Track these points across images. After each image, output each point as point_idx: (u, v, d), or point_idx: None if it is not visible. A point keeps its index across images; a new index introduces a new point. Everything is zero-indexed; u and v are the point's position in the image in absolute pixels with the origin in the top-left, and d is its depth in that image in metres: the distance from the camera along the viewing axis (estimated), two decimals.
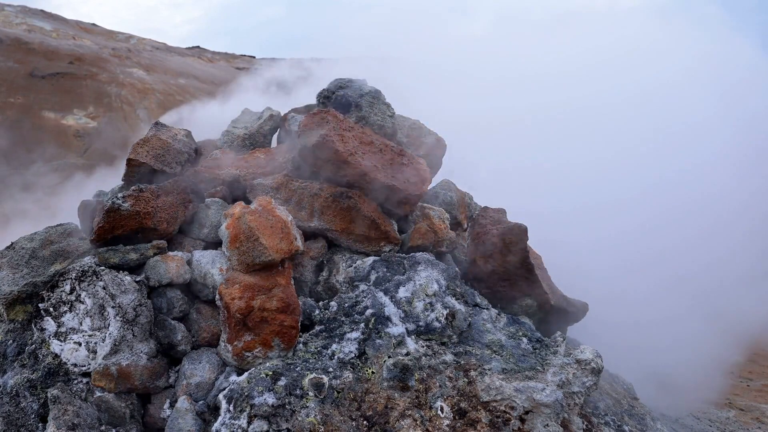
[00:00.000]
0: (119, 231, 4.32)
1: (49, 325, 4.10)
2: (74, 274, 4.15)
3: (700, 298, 7.28)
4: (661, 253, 7.23)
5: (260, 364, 3.98)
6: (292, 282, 4.35)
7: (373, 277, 4.55)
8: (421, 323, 4.27)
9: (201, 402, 3.94)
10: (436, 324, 4.29)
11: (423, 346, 4.16)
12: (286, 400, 3.67)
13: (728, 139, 9.15)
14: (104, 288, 4.08)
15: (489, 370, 4.04)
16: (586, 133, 8.24)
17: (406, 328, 4.23)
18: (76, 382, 4.00)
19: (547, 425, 3.76)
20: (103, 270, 4.16)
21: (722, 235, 8.17)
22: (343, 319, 4.28)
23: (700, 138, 8.78)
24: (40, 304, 4.15)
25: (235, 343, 4.04)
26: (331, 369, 3.92)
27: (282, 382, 3.75)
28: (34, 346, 4.13)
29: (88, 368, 4.02)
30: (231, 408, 3.70)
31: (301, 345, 4.13)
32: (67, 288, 4.12)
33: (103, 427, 3.87)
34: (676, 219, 7.74)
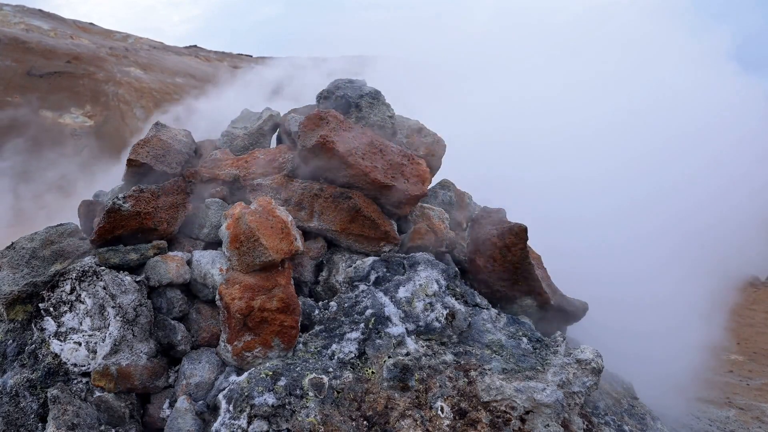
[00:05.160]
0: (120, 231, 4.32)
1: (49, 325, 4.10)
2: (74, 274, 4.14)
3: (699, 298, 7.29)
4: (660, 255, 7.25)
5: (260, 364, 3.98)
6: (292, 282, 4.35)
7: (372, 277, 4.55)
8: (421, 323, 4.27)
9: (201, 402, 3.93)
10: (436, 324, 4.29)
11: (423, 346, 4.17)
12: (286, 400, 3.67)
13: (726, 144, 9.18)
14: (104, 288, 4.08)
15: (489, 370, 4.04)
16: (590, 142, 8.25)
17: (406, 328, 4.23)
18: (75, 382, 3.99)
19: (548, 425, 3.77)
20: (104, 270, 4.15)
21: (722, 238, 8.20)
22: (343, 319, 4.28)
23: (699, 145, 8.81)
24: (40, 304, 4.14)
25: (235, 343, 4.04)
26: (331, 369, 3.92)
27: (282, 382, 3.75)
28: (34, 346, 4.13)
29: (88, 368, 4.01)
30: (231, 408, 3.69)
31: (301, 345, 4.13)
32: (68, 288, 4.12)
33: (102, 427, 3.86)
34: (675, 225, 7.76)
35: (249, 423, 3.60)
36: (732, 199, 8.54)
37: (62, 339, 4.06)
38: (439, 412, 3.85)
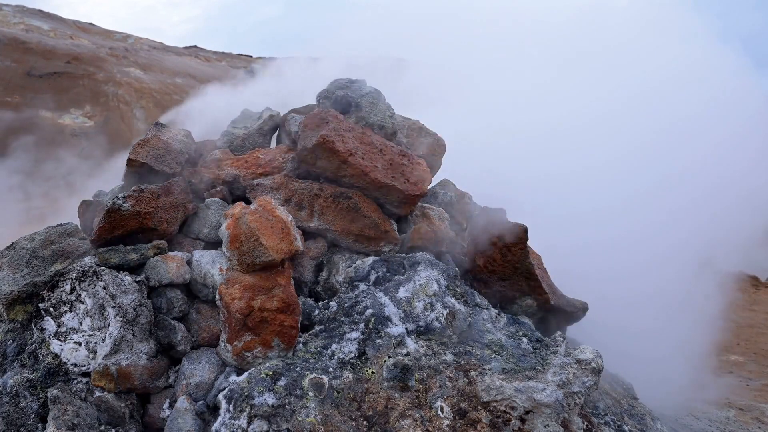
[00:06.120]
0: (120, 231, 4.32)
1: (49, 325, 4.10)
2: (74, 274, 4.14)
3: (697, 298, 7.30)
4: (661, 255, 7.25)
5: (260, 364, 3.98)
6: (292, 282, 4.35)
7: (372, 277, 4.55)
8: (421, 323, 4.27)
9: (201, 402, 3.93)
10: (436, 324, 4.29)
11: (423, 346, 4.17)
12: (286, 400, 3.67)
13: (725, 141, 9.18)
14: (104, 288, 4.08)
15: (489, 370, 4.04)
16: (587, 139, 8.24)
17: (406, 328, 4.23)
18: (75, 382, 3.99)
19: (548, 425, 3.77)
20: (104, 270, 4.15)
21: (722, 238, 8.20)
22: (343, 319, 4.28)
23: (698, 141, 8.81)
24: (40, 304, 4.14)
25: (235, 343, 4.04)
26: (331, 369, 3.92)
27: (282, 382, 3.75)
28: (34, 346, 4.13)
29: (88, 368, 4.01)
30: (231, 408, 3.69)
31: (301, 345, 4.13)
32: (68, 288, 4.12)
33: (102, 427, 3.86)
34: (674, 224, 7.75)
35: (249, 423, 3.60)
36: (731, 198, 8.53)
37: (62, 339, 4.06)
38: (439, 412, 3.86)
